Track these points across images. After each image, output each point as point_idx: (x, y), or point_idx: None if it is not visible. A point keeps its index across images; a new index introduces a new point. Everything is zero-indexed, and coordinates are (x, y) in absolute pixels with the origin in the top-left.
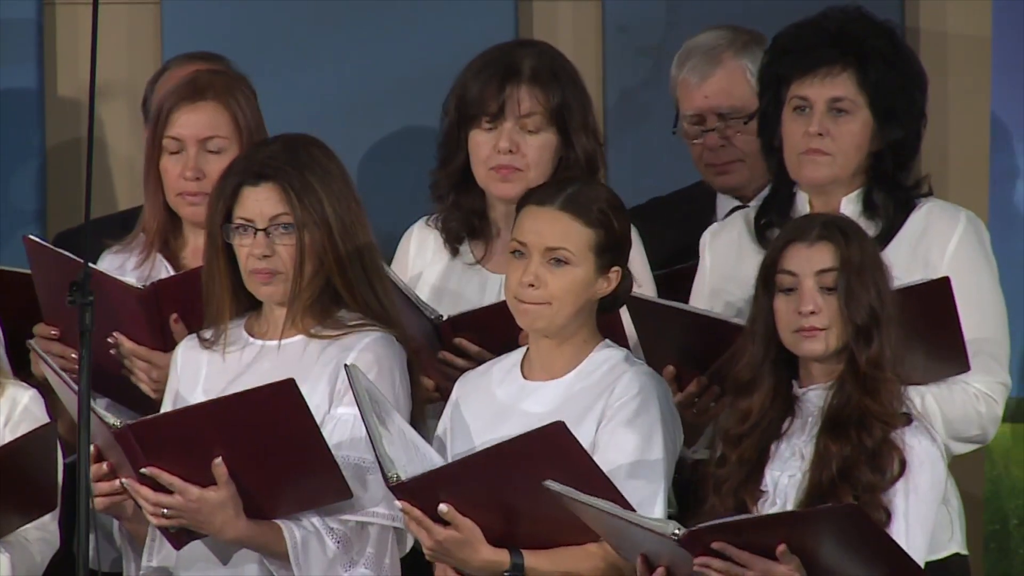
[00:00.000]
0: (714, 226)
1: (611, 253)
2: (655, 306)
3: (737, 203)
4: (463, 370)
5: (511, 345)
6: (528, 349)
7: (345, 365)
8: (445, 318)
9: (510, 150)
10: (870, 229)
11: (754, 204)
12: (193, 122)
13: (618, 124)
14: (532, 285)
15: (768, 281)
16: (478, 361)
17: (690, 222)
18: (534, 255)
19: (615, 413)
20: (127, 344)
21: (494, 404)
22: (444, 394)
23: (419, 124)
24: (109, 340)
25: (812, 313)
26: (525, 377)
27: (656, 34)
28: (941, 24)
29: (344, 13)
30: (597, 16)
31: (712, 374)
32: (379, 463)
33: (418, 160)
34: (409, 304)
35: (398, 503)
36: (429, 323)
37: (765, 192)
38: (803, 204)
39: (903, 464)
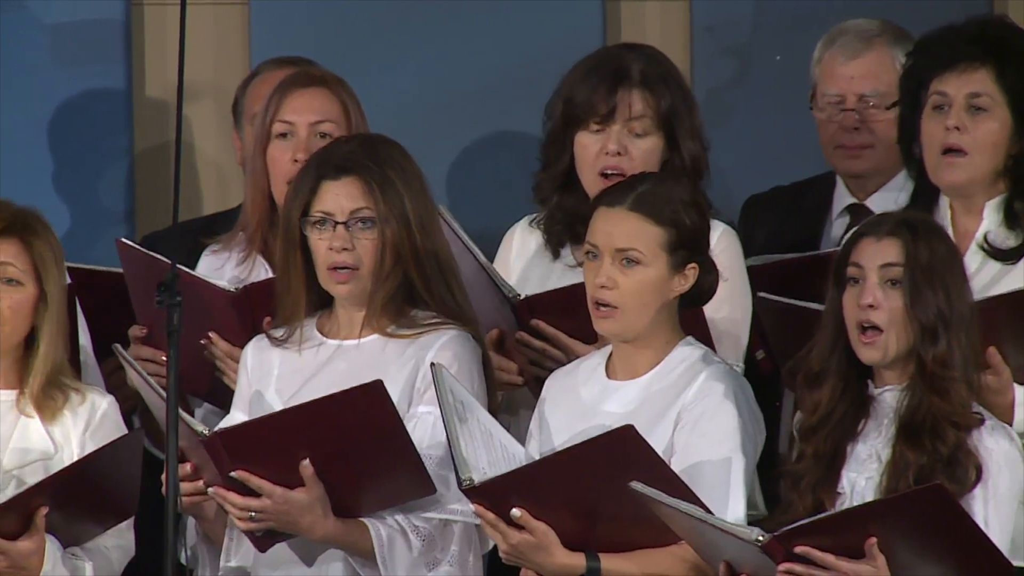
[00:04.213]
0: None
1: (685, 250)
2: (783, 306)
3: (853, 200)
4: (540, 351)
5: (587, 327)
6: (613, 348)
7: (432, 364)
8: (522, 297)
9: (618, 152)
10: (1010, 239)
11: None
12: (305, 106)
13: (705, 124)
14: (605, 286)
15: (839, 274)
16: (554, 343)
17: (808, 213)
18: (605, 256)
19: (690, 415)
20: (223, 345)
21: (578, 404)
22: (527, 378)
23: (506, 124)
24: (202, 342)
25: (871, 307)
26: (609, 377)
27: (743, 34)
28: None
29: (430, 14)
30: (685, 16)
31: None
32: (454, 465)
33: (505, 160)
34: (489, 282)
35: (472, 506)
36: (507, 302)
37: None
38: (944, 210)
39: (979, 470)
